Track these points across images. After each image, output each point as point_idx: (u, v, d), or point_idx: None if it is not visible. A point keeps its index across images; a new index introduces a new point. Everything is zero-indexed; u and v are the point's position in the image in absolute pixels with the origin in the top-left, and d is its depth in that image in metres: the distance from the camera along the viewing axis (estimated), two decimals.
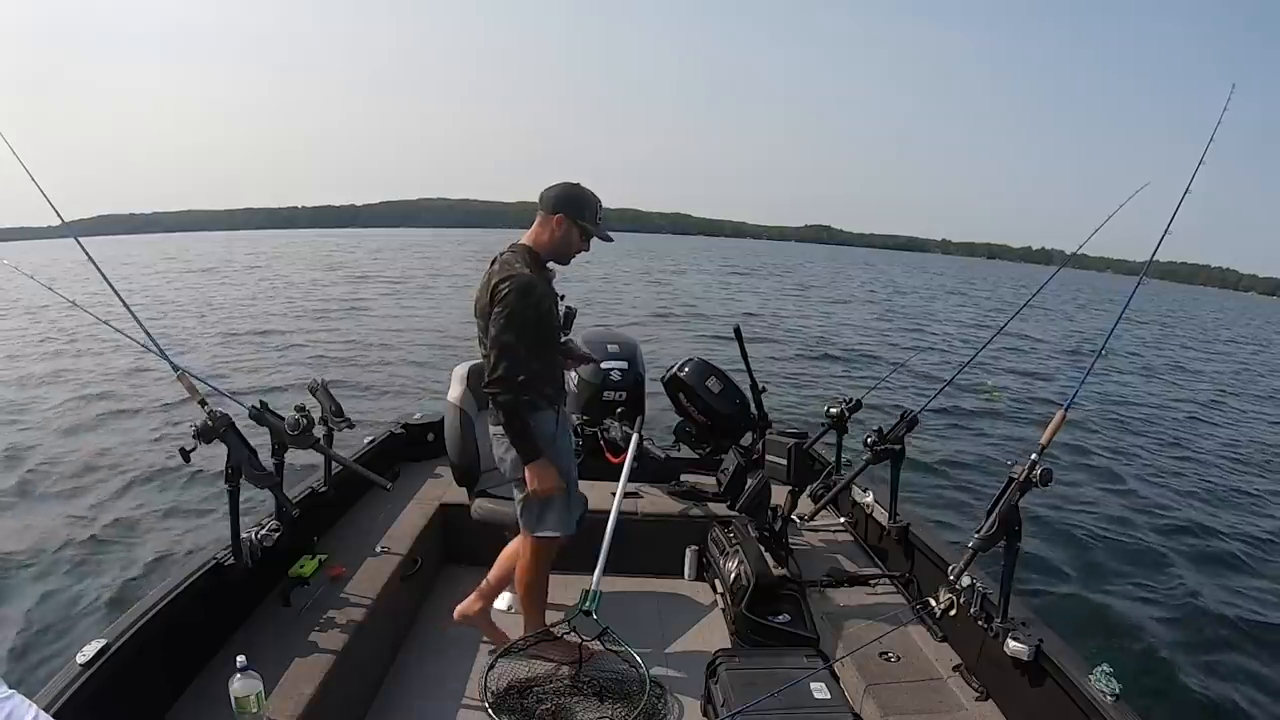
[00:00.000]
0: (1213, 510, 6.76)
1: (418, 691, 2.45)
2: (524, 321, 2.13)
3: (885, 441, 2.85)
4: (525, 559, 2.46)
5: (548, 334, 2.30)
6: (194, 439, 2.01)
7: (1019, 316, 3.04)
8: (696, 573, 3.25)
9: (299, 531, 2.42)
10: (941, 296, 33.92)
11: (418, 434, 3.72)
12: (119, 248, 59.02)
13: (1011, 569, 2.02)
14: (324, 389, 2.81)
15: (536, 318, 2.17)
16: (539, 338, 2.21)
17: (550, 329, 2.31)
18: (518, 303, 2.11)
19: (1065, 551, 5.44)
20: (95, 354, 11.54)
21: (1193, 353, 20.80)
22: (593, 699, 2.33)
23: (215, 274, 30.67)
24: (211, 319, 16.04)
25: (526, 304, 2.12)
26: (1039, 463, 1.94)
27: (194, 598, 1.96)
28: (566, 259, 2.34)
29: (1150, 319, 30.23)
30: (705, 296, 24.09)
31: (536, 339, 2.19)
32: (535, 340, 2.19)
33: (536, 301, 2.16)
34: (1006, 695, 2.05)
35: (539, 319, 2.19)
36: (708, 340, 12.59)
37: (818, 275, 45.03)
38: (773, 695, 1.79)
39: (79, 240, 2.26)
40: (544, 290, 2.23)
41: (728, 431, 3.23)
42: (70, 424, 7.89)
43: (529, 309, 2.13)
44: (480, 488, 2.91)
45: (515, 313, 2.11)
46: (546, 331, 2.28)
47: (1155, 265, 2.24)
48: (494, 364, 2.14)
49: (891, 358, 13.28)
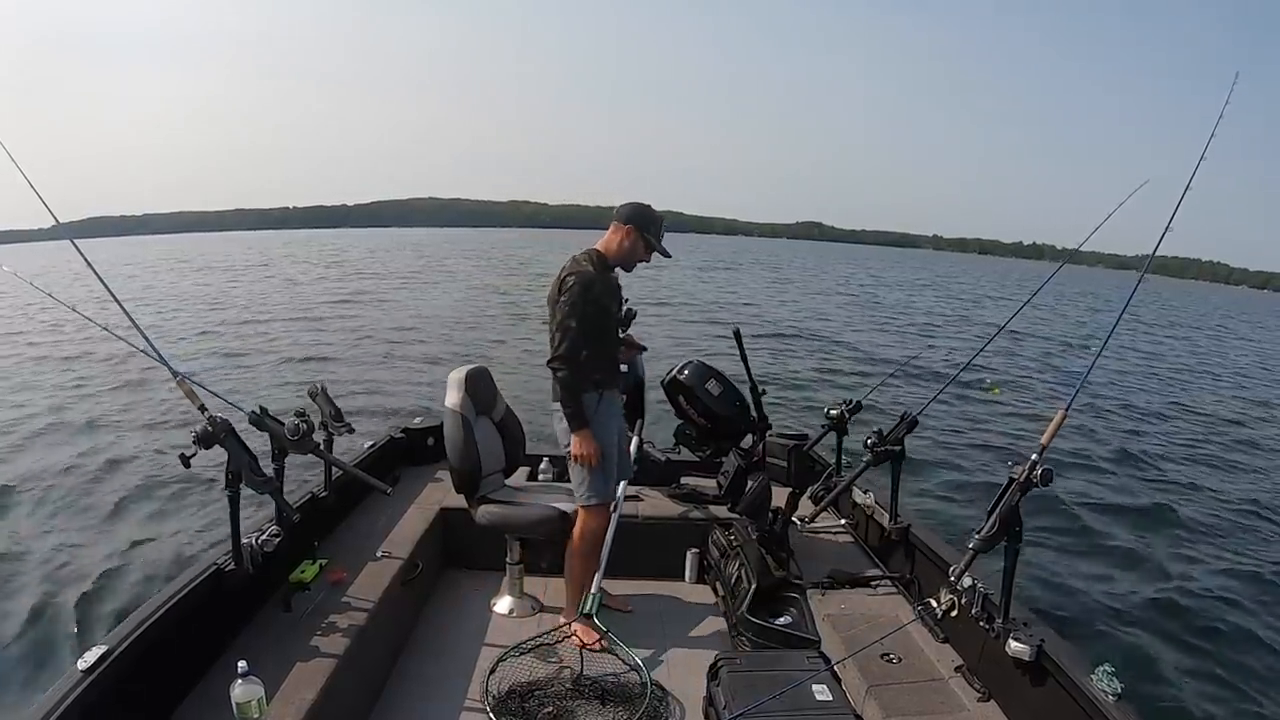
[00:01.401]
0: (1216, 509, 6.77)
1: (419, 695, 2.45)
2: (584, 312, 2.54)
3: (885, 443, 2.85)
4: (577, 530, 2.73)
5: (603, 326, 2.66)
6: (194, 445, 2.00)
7: (1019, 315, 3.04)
8: (697, 575, 3.26)
9: (299, 536, 2.41)
10: (917, 289, 34.33)
11: (417, 438, 3.72)
12: (120, 250, 59.00)
13: (1012, 569, 2.02)
14: (324, 394, 2.81)
15: (595, 311, 2.57)
16: (594, 328, 2.59)
17: (605, 323, 2.68)
18: (580, 295, 2.54)
19: (1066, 552, 5.44)
20: (95, 358, 11.52)
21: (1193, 350, 20.85)
22: (594, 702, 2.33)
23: (228, 273, 30.77)
24: (215, 318, 16.06)
25: (587, 298, 2.55)
26: (1039, 463, 1.93)
27: (195, 603, 1.95)
28: (630, 265, 2.71)
29: (1152, 319, 30.41)
30: (674, 288, 24.42)
31: (591, 329, 2.57)
32: (590, 330, 2.57)
33: (595, 297, 2.57)
34: (1008, 696, 2.04)
35: (596, 312, 2.58)
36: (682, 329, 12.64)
37: (784, 270, 45.05)
38: (774, 697, 1.79)
39: (74, 243, 2.25)
40: (603, 288, 2.62)
41: (728, 434, 3.23)
42: (69, 429, 7.88)
43: (589, 302, 2.55)
44: (481, 493, 2.91)
45: (577, 303, 2.53)
46: (602, 324, 2.65)
47: (1141, 261, 2.23)
48: (557, 344, 2.56)
49: (885, 355, 13.31)
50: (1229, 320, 36.47)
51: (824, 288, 32.43)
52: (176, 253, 52.61)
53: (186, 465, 1.99)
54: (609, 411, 2.78)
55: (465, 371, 2.92)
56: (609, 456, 2.73)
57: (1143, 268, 2.29)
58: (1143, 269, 2.29)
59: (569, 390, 2.58)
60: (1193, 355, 19.68)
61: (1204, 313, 42.70)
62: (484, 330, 14.82)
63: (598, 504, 2.71)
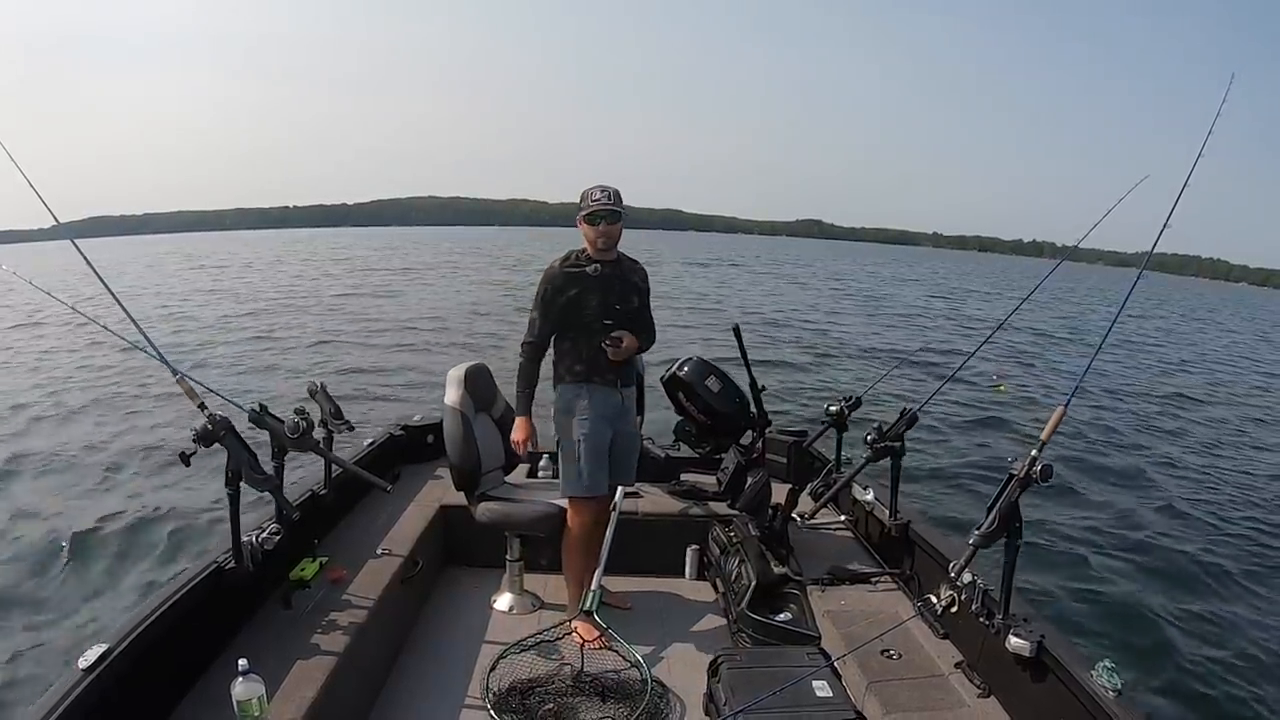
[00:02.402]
0: (1216, 504, 6.77)
1: (420, 692, 2.45)
2: (541, 300, 2.68)
3: (885, 439, 2.85)
4: (567, 526, 2.78)
5: (571, 319, 2.68)
6: (194, 443, 2.00)
7: (1017, 313, 3.04)
8: (697, 572, 3.26)
9: (299, 534, 2.41)
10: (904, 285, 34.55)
11: (417, 436, 3.72)
12: (126, 249, 58.95)
13: (1012, 566, 2.02)
14: (323, 391, 2.81)
15: (562, 302, 2.65)
16: (560, 320, 2.68)
17: (575, 315, 2.67)
18: (539, 287, 2.70)
19: (1066, 548, 5.44)
20: (94, 357, 11.52)
21: (1201, 348, 20.87)
22: (594, 699, 2.33)
23: (234, 270, 30.81)
24: (217, 313, 16.04)
25: (545, 290, 2.68)
26: (1039, 459, 1.93)
27: (195, 601, 1.95)
28: (596, 250, 2.71)
29: (1157, 312, 30.49)
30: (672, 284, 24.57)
31: (557, 320, 2.68)
32: (557, 321, 2.68)
33: (557, 288, 2.66)
34: (1009, 692, 2.05)
35: (564, 303, 2.65)
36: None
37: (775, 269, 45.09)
38: (775, 694, 1.79)
39: (75, 242, 2.25)
40: (565, 280, 2.67)
41: (728, 430, 3.22)
42: (68, 428, 7.88)
43: (547, 294, 2.67)
44: (481, 490, 2.91)
45: (537, 294, 2.70)
46: (569, 316, 2.68)
47: (1140, 258, 2.23)
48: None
49: (885, 352, 13.32)
50: (1230, 316, 36.64)
51: (816, 283, 32.56)
52: (183, 250, 52.63)
53: (186, 463, 1.99)
54: (598, 407, 2.72)
55: (464, 369, 2.92)
56: (593, 450, 2.69)
57: (1142, 265, 2.28)
58: (1141, 265, 2.28)
59: (519, 373, 2.73)
60: (1190, 348, 19.72)
61: (1209, 308, 42.80)
62: (485, 324, 14.86)
63: (578, 497, 2.72)
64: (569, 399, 2.71)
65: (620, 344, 2.65)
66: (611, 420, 2.75)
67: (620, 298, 2.72)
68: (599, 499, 2.74)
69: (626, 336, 2.68)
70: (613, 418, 2.76)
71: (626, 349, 2.68)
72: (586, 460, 2.69)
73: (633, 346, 2.72)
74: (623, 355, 2.69)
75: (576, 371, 2.70)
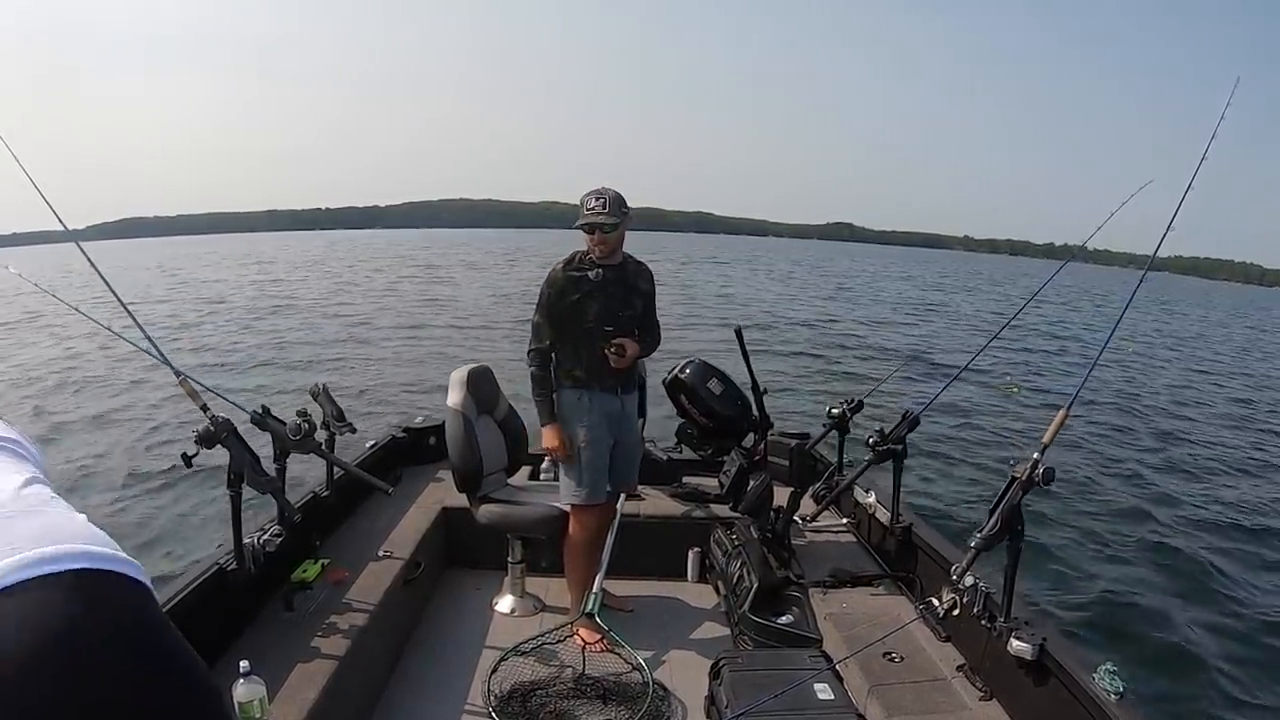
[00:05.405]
0: (1218, 506, 6.75)
1: (421, 695, 2.45)
2: (544, 304, 2.66)
3: (887, 442, 2.84)
4: (567, 531, 2.78)
5: (571, 323, 2.65)
6: (196, 444, 2.01)
7: (1021, 314, 3.03)
8: (699, 574, 3.25)
9: (301, 536, 2.41)
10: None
11: (419, 438, 3.72)
12: (164, 249, 59.00)
13: (1014, 568, 2.02)
14: (325, 393, 2.81)
15: (562, 306, 2.63)
16: (563, 325, 2.65)
17: (574, 319, 2.64)
18: (542, 289, 2.68)
19: (1068, 551, 5.43)
20: (95, 358, 11.53)
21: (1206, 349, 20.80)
22: (596, 701, 2.33)
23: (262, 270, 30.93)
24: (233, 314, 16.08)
25: (546, 292, 2.66)
26: (1041, 462, 1.93)
27: (197, 603, 1.96)
28: (597, 256, 2.66)
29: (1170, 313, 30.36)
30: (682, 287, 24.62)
31: (557, 324, 2.65)
32: (556, 324, 2.65)
33: (558, 292, 2.64)
34: (1011, 695, 2.04)
35: (564, 307, 2.63)
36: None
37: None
38: (776, 696, 1.79)
39: (80, 245, 2.27)
40: (566, 283, 2.64)
41: (730, 433, 3.22)
42: (70, 429, 7.89)
43: (549, 297, 2.65)
44: (483, 492, 2.91)
45: (540, 297, 2.68)
46: (568, 320, 2.65)
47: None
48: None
49: (888, 353, 13.30)
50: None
51: (829, 287, 32.53)
52: (220, 250, 52.78)
53: (188, 465, 1.99)
54: (599, 413, 2.70)
55: (467, 371, 2.93)
56: (593, 458, 2.69)
57: (1150, 267, 2.29)
58: (1145, 267, 2.29)
59: (532, 382, 2.70)
60: (1203, 352, 19.65)
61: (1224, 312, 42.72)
62: (489, 328, 14.87)
63: (580, 504, 2.71)
64: (569, 404, 2.70)
65: (624, 353, 2.62)
66: (612, 427, 2.74)
67: (623, 303, 2.70)
68: (600, 505, 2.75)
69: (629, 344, 2.65)
70: (614, 424, 2.75)
71: (630, 357, 2.67)
72: (587, 468, 2.68)
73: (635, 354, 2.70)
74: (625, 363, 2.67)
75: (577, 377, 2.69)
